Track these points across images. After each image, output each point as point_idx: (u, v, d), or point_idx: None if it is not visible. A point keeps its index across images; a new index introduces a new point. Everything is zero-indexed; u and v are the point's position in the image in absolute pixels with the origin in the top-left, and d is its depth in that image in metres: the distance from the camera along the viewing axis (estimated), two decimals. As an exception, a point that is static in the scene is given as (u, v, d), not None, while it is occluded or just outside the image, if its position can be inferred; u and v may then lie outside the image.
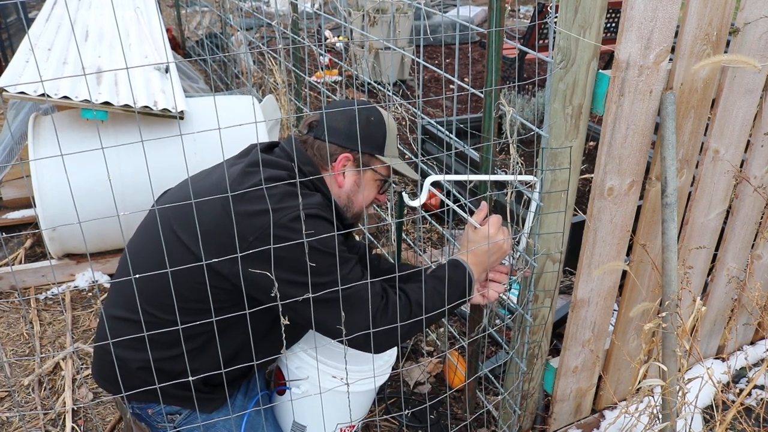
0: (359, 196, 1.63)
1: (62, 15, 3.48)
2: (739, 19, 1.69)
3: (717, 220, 2.04)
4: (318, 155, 1.58)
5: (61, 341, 2.64)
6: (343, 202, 1.62)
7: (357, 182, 1.62)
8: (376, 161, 1.61)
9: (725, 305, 2.36)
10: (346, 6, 5.29)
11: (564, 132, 1.56)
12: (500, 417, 2.07)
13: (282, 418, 1.78)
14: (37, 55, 2.95)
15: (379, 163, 1.62)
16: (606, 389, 2.14)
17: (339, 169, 1.59)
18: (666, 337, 1.68)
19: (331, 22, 7.24)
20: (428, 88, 5.99)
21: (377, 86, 3.15)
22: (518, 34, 5.38)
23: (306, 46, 3.38)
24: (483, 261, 1.63)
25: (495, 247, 1.64)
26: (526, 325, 1.84)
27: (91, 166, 2.72)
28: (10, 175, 3.38)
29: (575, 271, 1.81)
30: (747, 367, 2.44)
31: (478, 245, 1.63)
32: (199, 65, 5.77)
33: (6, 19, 5.53)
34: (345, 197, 1.62)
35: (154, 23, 3.54)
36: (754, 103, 1.85)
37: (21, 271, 2.95)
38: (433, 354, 2.56)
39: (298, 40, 3.24)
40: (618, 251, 1.80)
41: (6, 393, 2.38)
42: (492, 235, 1.63)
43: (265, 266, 1.33)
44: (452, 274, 1.57)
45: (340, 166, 1.59)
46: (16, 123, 3.28)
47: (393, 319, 1.46)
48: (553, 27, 1.50)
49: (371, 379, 1.66)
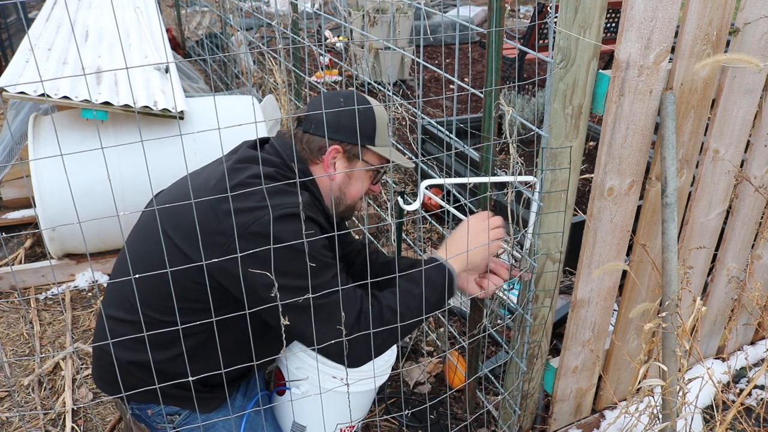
0: (351, 188, 1.60)
1: (62, 15, 3.48)
2: (739, 19, 1.69)
3: (717, 220, 2.03)
4: (307, 149, 1.55)
5: (61, 341, 2.64)
6: (335, 194, 1.60)
7: (349, 174, 1.59)
8: (367, 152, 1.58)
9: (725, 305, 2.35)
10: (346, 6, 5.29)
11: (564, 132, 1.56)
12: (500, 417, 2.07)
13: (282, 418, 1.77)
14: (37, 55, 2.95)
15: (370, 153, 1.59)
16: (606, 389, 2.14)
17: (329, 162, 1.55)
18: (666, 337, 1.68)
19: (331, 22, 7.24)
20: (428, 88, 5.99)
21: (377, 86, 3.15)
22: (518, 34, 5.38)
23: (306, 46, 3.38)
24: (463, 256, 1.60)
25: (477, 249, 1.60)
26: (526, 325, 1.84)
27: (91, 166, 2.72)
28: (10, 175, 3.38)
29: (575, 271, 1.81)
30: (747, 367, 2.44)
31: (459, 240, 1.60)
32: (199, 65, 5.77)
33: (6, 19, 5.53)
34: (337, 190, 1.59)
35: (154, 23, 3.54)
36: (754, 103, 1.85)
37: (21, 271, 2.95)
38: (433, 354, 2.55)
39: (298, 40, 3.24)
40: (618, 251, 1.80)
41: (6, 393, 2.38)
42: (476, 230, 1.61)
43: (246, 265, 1.31)
44: (429, 273, 1.54)
45: (330, 159, 1.55)
46: (16, 123, 3.28)
47: (367, 332, 1.42)
48: (553, 27, 1.50)
49: (371, 379, 1.66)
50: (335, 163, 1.56)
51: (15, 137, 3.19)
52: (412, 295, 1.50)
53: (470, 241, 1.59)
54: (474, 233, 1.61)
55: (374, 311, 1.44)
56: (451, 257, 1.59)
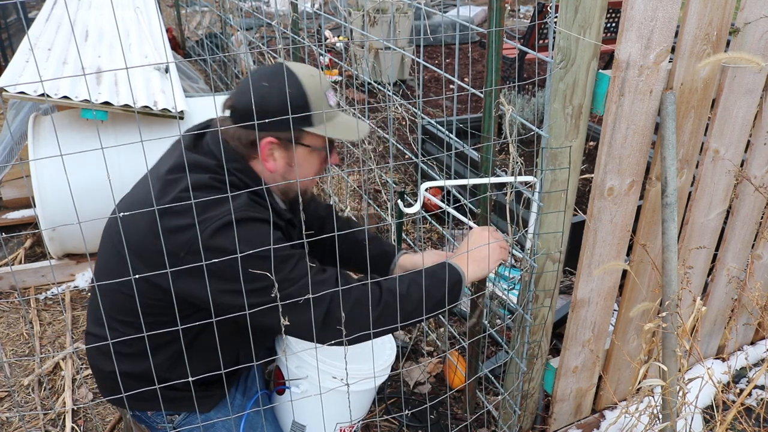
0: (300, 174, 1.48)
1: (62, 15, 3.48)
2: (739, 19, 1.69)
3: (717, 220, 2.03)
4: (240, 144, 1.44)
5: (61, 341, 2.64)
6: (282, 185, 1.50)
7: (290, 162, 1.46)
8: (305, 135, 1.44)
9: (725, 305, 2.35)
10: (346, 6, 5.28)
11: (564, 132, 1.56)
12: (500, 417, 2.07)
13: (281, 417, 1.77)
14: (37, 55, 2.95)
15: (309, 135, 1.44)
16: (606, 389, 2.13)
17: (266, 155, 1.43)
18: (666, 337, 1.68)
19: (331, 22, 7.24)
20: (428, 88, 5.98)
21: (377, 86, 3.15)
22: (518, 34, 5.38)
23: (306, 46, 3.38)
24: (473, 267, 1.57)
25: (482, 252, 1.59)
26: (526, 325, 1.84)
27: (90, 166, 2.71)
28: (10, 175, 3.38)
29: (575, 271, 1.81)
30: (747, 367, 2.44)
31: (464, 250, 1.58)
32: (199, 65, 5.77)
33: (6, 19, 5.54)
34: (282, 180, 1.48)
35: (154, 23, 3.54)
36: (754, 103, 1.85)
37: (21, 271, 2.94)
38: (433, 354, 2.55)
39: (298, 40, 3.24)
40: (618, 251, 1.80)
41: (6, 393, 2.38)
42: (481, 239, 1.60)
43: (201, 281, 1.28)
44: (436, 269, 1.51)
45: (266, 151, 1.43)
46: (16, 123, 3.28)
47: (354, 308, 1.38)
48: (553, 27, 1.50)
49: (371, 379, 1.66)
50: (273, 154, 1.45)
51: (15, 137, 3.19)
52: (417, 284, 1.46)
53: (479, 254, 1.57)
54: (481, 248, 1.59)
55: (358, 291, 1.40)
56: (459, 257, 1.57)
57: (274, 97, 1.38)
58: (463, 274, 1.54)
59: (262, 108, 1.37)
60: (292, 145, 1.43)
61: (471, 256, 1.58)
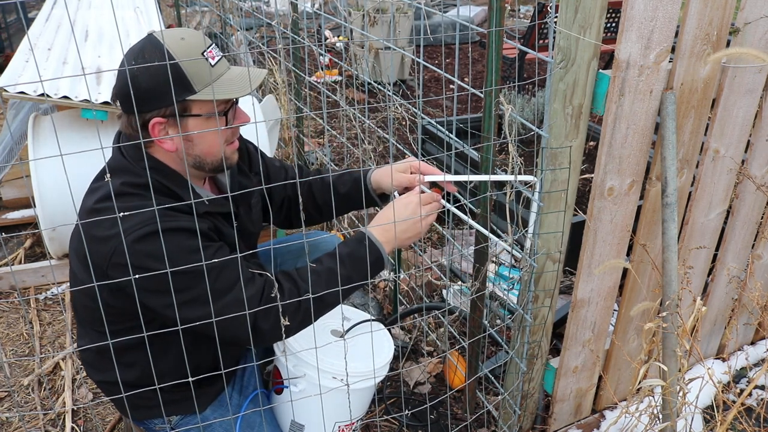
0: (204, 145, 1.39)
1: (62, 15, 3.48)
2: (739, 19, 1.69)
3: (717, 220, 2.03)
4: (135, 134, 1.36)
5: (61, 341, 2.64)
6: (190, 162, 1.41)
7: (188, 137, 1.37)
8: (191, 104, 1.33)
9: (725, 305, 2.35)
10: (346, 6, 5.28)
11: (564, 132, 1.56)
12: (500, 417, 2.07)
13: (280, 417, 1.77)
14: (36, 55, 2.95)
15: (195, 104, 1.34)
16: (606, 389, 2.13)
17: (160, 137, 1.35)
18: (666, 337, 1.68)
19: (331, 22, 7.24)
20: (428, 88, 5.98)
21: (377, 86, 3.15)
22: (518, 34, 5.38)
23: (306, 46, 3.38)
24: (391, 237, 1.49)
25: (408, 224, 1.50)
26: (526, 325, 1.84)
27: (91, 166, 2.69)
28: (10, 175, 3.38)
29: (575, 271, 1.81)
30: (747, 367, 2.44)
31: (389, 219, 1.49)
32: (199, 65, 5.76)
33: (6, 19, 5.54)
34: (188, 157, 1.39)
35: (154, 23, 3.54)
36: (754, 103, 1.85)
37: (21, 271, 2.94)
38: (433, 354, 2.55)
39: (298, 40, 3.24)
40: (618, 251, 1.80)
41: (6, 393, 2.38)
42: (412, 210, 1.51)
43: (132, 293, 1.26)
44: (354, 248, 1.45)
45: (158, 133, 1.35)
46: (15, 123, 3.27)
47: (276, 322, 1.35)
48: (553, 27, 1.50)
49: (371, 378, 1.66)
50: (168, 133, 1.35)
51: (15, 137, 3.19)
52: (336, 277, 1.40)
53: (400, 217, 1.49)
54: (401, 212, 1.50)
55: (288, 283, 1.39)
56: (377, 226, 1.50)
57: (144, 75, 1.29)
58: (382, 248, 1.49)
59: (137, 90, 1.28)
60: (181, 119, 1.34)
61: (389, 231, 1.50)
